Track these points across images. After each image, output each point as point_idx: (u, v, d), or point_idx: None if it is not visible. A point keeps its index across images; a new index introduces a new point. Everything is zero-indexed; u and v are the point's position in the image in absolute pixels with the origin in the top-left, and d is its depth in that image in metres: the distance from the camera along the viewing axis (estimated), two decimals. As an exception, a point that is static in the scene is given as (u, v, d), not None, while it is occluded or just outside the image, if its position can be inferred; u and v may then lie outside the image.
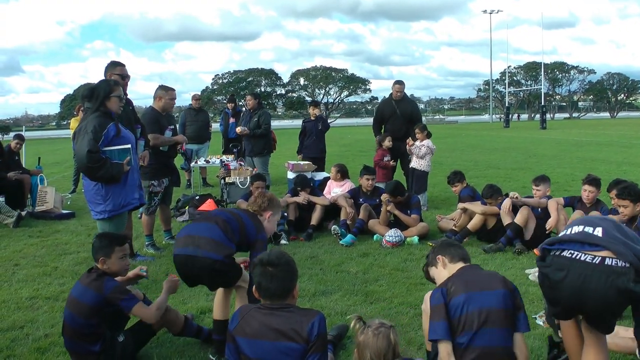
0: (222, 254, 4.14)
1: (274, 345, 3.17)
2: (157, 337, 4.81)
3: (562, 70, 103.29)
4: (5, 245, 8.32)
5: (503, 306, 3.44)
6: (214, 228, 4.23)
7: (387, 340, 3.14)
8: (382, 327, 3.18)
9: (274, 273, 3.30)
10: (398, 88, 11.17)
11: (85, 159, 5.44)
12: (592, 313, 3.24)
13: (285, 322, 3.20)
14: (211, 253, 4.11)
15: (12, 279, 6.67)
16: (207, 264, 4.11)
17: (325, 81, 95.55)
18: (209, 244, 4.14)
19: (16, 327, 5.15)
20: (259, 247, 4.36)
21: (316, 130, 11.99)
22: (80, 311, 4.11)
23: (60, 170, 20.13)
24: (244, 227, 4.38)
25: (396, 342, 3.17)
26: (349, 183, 9.59)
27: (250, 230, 4.40)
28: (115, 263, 4.28)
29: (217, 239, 4.18)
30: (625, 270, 3.02)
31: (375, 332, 3.16)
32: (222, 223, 4.28)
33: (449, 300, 3.47)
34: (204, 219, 4.55)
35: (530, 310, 5.26)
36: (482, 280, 3.57)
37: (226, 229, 4.26)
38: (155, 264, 7.07)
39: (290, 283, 3.35)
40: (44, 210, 10.67)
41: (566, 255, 3.16)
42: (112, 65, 6.78)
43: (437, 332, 3.44)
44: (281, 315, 3.24)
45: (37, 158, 13.54)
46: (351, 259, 7.24)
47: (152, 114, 7.69)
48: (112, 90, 5.68)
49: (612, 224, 3.28)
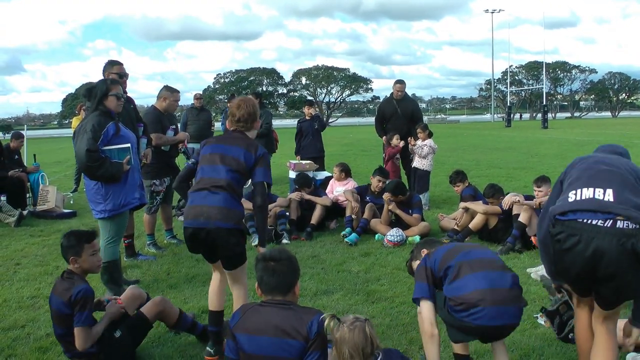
0: (233, 220, 4.15)
1: (274, 342, 3.17)
2: (159, 336, 4.82)
3: (563, 70, 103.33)
4: (7, 245, 8.33)
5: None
6: (223, 196, 4.17)
7: (364, 334, 3.13)
8: (357, 322, 3.17)
9: (276, 268, 3.33)
10: (399, 87, 11.17)
11: (85, 158, 5.43)
12: (604, 280, 3.19)
13: (285, 319, 3.21)
14: (223, 222, 4.10)
15: (13, 278, 6.68)
16: (220, 234, 4.12)
17: (327, 80, 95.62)
18: (220, 213, 4.11)
19: (17, 327, 5.15)
20: (262, 163, 4.32)
21: (312, 130, 11.94)
22: (62, 323, 4.09)
23: (62, 169, 20.14)
24: (243, 165, 4.28)
25: (372, 335, 3.16)
26: (352, 182, 9.59)
27: (248, 161, 4.29)
28: (86, 261, 4.23)
29: (226, 205, 4.14)
30: (635, 232, 3.04)
31: (351, 327, 3.15)
32: (228, 187, 4.20)
33: (435, 266, 3.68)
34: (211, 186, 4.22)
35: (531, 310, 5.25)
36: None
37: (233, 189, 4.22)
38: (157, 264, 7.07)
39: (292, 279, 3.38)
40: (46, 210, 10.68)
41: (578, 220, 3.17)
42: (109, 64, 6.81)
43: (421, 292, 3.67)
44: (282, 313, 3.25)
45: (33, 155, 13.50)
46: (353, 258, 7.23)
47: (154, 114, 7.70)
48: (109, 89, 5.67)
49: (620, 177, 3.31)
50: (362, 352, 3.11)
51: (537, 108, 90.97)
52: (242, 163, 4.24)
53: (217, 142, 4.44)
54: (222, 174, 4.19)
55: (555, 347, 4.49)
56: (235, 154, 4.27)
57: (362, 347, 3.11)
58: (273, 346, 3.17)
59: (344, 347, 3.13)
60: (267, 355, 3.19)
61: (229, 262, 4.27)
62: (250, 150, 4.28)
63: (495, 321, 3.44)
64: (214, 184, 4.16)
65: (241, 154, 4.26)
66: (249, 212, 8.54)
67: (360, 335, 3.12)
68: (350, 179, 9.73)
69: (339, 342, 3.16)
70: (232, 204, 4.15)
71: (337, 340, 3.17)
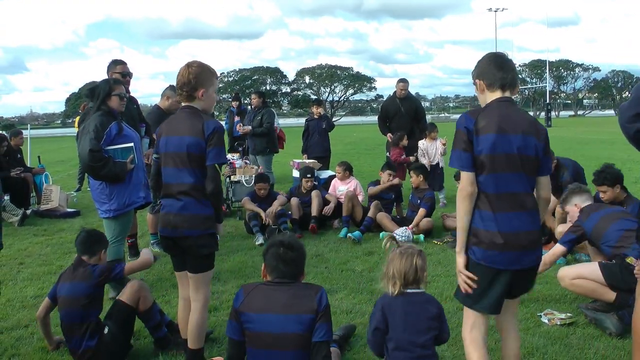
0: (200, 227, 3.85)
1: (282, 318, 3.27)
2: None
3: (567, 68, 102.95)
4: (10, 244, 8.33)
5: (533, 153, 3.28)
6: (188, 202, 3.84)
7: (410, 262, 3.39)
8: (410, 250, 3.46)
9: (290, 256, 3.43)
10: (402, 86, 11.18)
11: (88, 159, 5.42)
12: None
13: (292, 295, 3.34)
14: (190, 230, 3.85)
15: (17, 277, 6.68)
16: (188, 242, 3.88)
17: (330, 79, 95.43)
18: (186, 221, 3.84)
19: (21, 326, 5.15)
20: (213, 143, 3.81)
21: (319, 129, 11.96)
22: (76, 305, 4.23)
23: (65, 168, 20.16)
24: (197, 157, 3.83)
25: (419, 266, 3.41)
26: (354, 181, 9.58)
27: (201, 150, 3.83)
28: (104, 258, 4.68)
29: (192, 212, 3.84)
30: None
31: (402, 252, 3.44)
32: (192, 190, 3.84)
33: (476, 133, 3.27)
34: (175, 192, 3.90)
35: (535, 309, 5.25)
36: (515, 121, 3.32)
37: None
38: (161, 262, 7.07)
39: (302, 267, 3.53)
40: (49, 209, 10.68)
41: None
42: (113, 64, 6.83)
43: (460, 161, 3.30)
44: (287, 290, 3.37)
45: (37, 157, 13.51)
46: (356, 257, 7.23)
47: (157, 113, 7.69)
48: (112, 88, 5.66)
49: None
50: (404, 277, 3.39)
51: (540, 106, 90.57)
52: (196, 155, 3.81)
53: (167, 133, 3.96)
54: (184, 178, 3.84)
55: (558, 346, 4.49)
56: (186, 149, 3.81)
57: (404, 272, 3.38)
58: (281, 323, 3.27)
59: (391, 267, 3.42)
60: (276, 332, 3.27)
61: (194, 265, 3.95)
62: (199, 136, 3.78)
63: None
64: (178, 190, 3.86)
65: (192, 144, 3.80)
66: (250, 212, 8.62)
67: (407, 262, 3.39)
68: (353, 177, 9.72)
69: (389, 261, 3.47)
70: (197, 208, 3.84)
71: (389, 260, 3.47)
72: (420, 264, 3.41)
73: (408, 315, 3.34)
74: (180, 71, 3.90)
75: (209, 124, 3.80)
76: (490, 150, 3.19)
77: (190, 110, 3.92)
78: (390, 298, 3.41)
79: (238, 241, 8.34)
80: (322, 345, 3.27)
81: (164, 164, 3.98)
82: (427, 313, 3.37)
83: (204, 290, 3.99)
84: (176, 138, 3.87)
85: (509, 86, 3.36)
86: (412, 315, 3.34)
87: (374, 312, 3.45)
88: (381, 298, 3.48)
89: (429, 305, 3.41)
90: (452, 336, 4.54)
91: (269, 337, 3.28)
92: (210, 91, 3.95)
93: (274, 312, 3.28)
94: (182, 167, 3.84)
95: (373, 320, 3.43)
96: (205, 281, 3.99)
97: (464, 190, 3.27)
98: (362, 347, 4.50)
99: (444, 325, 3.44)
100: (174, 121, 4.01)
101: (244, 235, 8.67)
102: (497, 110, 3.28)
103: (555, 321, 4.94)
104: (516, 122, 3.26)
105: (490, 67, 3.40)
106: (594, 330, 4.79)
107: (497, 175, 3.22)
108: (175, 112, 4.14)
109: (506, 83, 3.34)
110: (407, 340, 3.31)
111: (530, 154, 3.25)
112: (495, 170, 3.21)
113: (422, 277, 3.43)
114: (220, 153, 3.84)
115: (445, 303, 5.13)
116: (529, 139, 3.25)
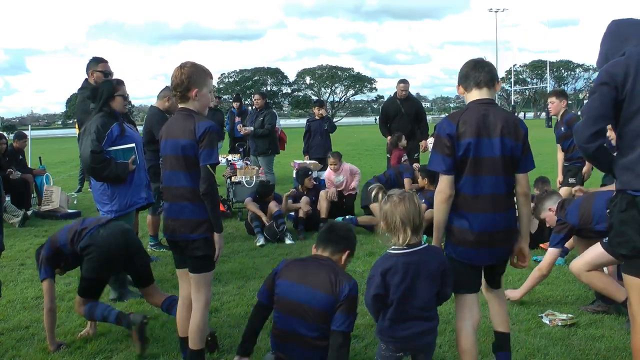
0: (199, 230, 3.84)
1: (307, 291, 3.54)
2: (163, 337, 4.81)
3: (567, 69, 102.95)
4: (11, 245, 8.32)
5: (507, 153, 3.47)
6: (186, 206, 3.84)
7: (413, 204, 3.28)
8: (406, 193, 3.36)
9: (336, 228, 3.81)
10: (403, 87, 11.16)
11: (89, 160, 5.42)
12: None
13: (323, 273, 3.57)
14: (189, 234, 3.84)
15: (17, 278, 6.68)
16: (188, 245, 3.88)
17: (331, 80, 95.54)
18: (185, 225, 3.85)
19: (22, 327, 5.15)
20: (205, 144, 3.75)
21: (321, 130, 11.96)
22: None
23: (66, 169, 20.17)
24: (193, 159, 3.80)
25: (421, 207, 3.36)
26: (345, 165, 9.76)
27: (195, 151, 3.79)
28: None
29: (190, 216, 3.84)
30: None
31: (400, 197, 3.30)
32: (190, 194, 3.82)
33: (457, 139, 3.43)
34: (173, 196, 3.92)
35: (536, 310, 5.25)
36: (493, 123, 3.45)
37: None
38: (161, 264, 7.07)
39: (346, 244, 3.77)
40: (50, 210, 10.69)
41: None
42: (94, 62, 6.52)
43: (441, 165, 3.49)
44: (322, 267, 3.62)
45: (38, 158, 13.52)
46: (357, 258, 7.20)
47: (160, 115, 7.56)
48: (115, 89, 5.65)
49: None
50: (412, 222, 3.26)
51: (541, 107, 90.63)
52: (191, 158, 3.78)
53: (165, 136, 3.94)
54: (181, 181, 3.83)
55: (560, 347, 4.48)
56: (181, 151, 3.80)
57: (412, 215, 3.26)
58: (306, 295, 3.54)
59: (395, 216, 3.27)
60: (299, 302, 3.56)
61: (193, 265, 3.94)
62: (191, 137, 3.75)
63: None
64: (174, 193, 3.88)
65: (186, 147, 3.78)
66: (252, 213, 8.61)
67: (411, 203, 3.28)
68: (344, 162, 9.94)
69: (388, 213, 3.30)
70: (196, 213, 3.82)
71: (387, 213, 3.31)
72: (420, 203, 3.39)
73: (408, 276, 3.26)
74: (174, 72, 3.88)
75: (200, 125, 3.76)
76: (469, 154, 3.40)
77: (184, 112, 3.90)
78: (391, 260, 3.29)
79: (239, 242, 8.33)
80: (338, 335, 3.44)
81: (163, 167, 4.00)
82: (429, 270, 3.31)
83: (205, 290, 3.96)
84: (172, 141, 3.86)
85: (484, 84, 3.54)
86: (414, 277, 3.27)
87: (373, 275, 3.32)
88: (380, 260, 3.38)
89: (432, 261, 3.33)
90: (452, 337, 4.56)
91: (294, 305, 3.57)
92: (204, 91, 3.91)
93: (303, 284, 3.58)
94: (178, 170, 3.83)
95: (372, 285, 3.31)
96: (205, 282, 3.96)
97: (443, 193, 3.46)
98: (364, 349, 4.49)
99: (447, 280, 3.38)
100: (171, 124, 4.00)
101: (245, 237, 8.67)
102: (475, 114, 3.46)
103: (556, 322, 4.93)
104: (494, 124, 3.43)
105: (464, 70, 3.63)
106: (595, 331, 4.78)
107: (475, 177, 3.43)
108: (175, 114, 4.10)
109: (480, 81, 3.53)
110: (408, 304, 3.27)
111: (507, 154, 3.44)
112: (474, 173, 3.42)
113: (424, 221, 3.39)
114: (210, 154, 3.76)
115: (446, 304, 5.12)
116: (506, 140, 3.44)
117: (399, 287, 3.24)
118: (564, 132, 8.05)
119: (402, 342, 3.34)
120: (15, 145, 11.96)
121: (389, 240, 3.35)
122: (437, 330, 3.51)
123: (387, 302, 3.29)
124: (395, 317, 3.29)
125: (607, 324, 4.94)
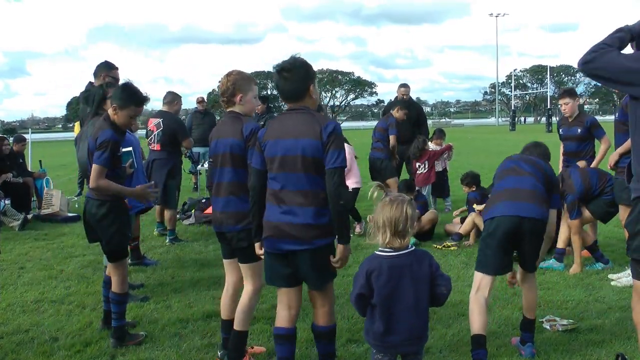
0: (242, 222, 4.13)
1: (294, 142, 3.58)
2: (163, 341, 4.80)
3: (567, 74, 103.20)
4: (11, 248, 8.32)
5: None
6: (228, 200, 4.19)
7: (401, 210, 3.24)
8: (400, 198, 3.33)
9: (288, 77, 3.68)
10: (403, 91, 11.16)
11: (87, 165, 5.41)
12: None
13: (303, 122, 3.62)
14: (233, 226, 4.16)
15: (17, 282, 6.66)
16: (232, 236, 4.20)
17: (331, 84, 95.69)
18: (229, 218, 4.17)
19: (21, 331, 5.14)
20: (253, 142, 4.00)
21: None
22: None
23: (66, 172, 20.14)
24: (239, 157, 4.14)
25: (410, 215, 3.27)
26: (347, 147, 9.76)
27: (242, 150, 4.13)
28: None
29: (232, 209, 4.17)
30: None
31: (392, 200, 3.30)
32: (233, 187, 4.17)
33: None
34: (218, 191, 4.27)
35: (537, 314, 5.23)
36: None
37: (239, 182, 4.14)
38: (161, 267, 7.06)
39: (304, 84, 3.70)
40: (50, 213, 10.67)
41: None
42: (106, 67, 6.52)
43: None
44: (299, 116, 3.66)
45: (39, 161, 13.51)
46: (357, 262, 7.16)
47: (180, 119, 7.91)
48: (106, 92, 5.61)
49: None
50: (394, 226, 3.24)
51: (541, 112, 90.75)
52: (238, 155, 4.13)
53: (216, 136, 4.28)
54: (225, 177, 4.18)
55: (561, 352, 4.47)
56: (229, 149, 4.14)
57: (395, 221, 3.24)
58: (295, 146, 3.58)
59: (380, 216, 3.28)
60: (284, 155, 3.62)
61: (240, 256, 4.26)
62: (238, 137, 4.12)
63: None
64: (222, 188, 4.21)
65: (234, 145, 4.13)
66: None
67: (397, 210, 3.25)
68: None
69: (376, 212, 3.34)
70: (238, 206, 4.13)
71: (375, 210, 3.35)
72: (411, 212, 3.28)
73: (393, 278, 3.23)
74: (221, 80, 4.28)
75: (247, 126, 4.13)
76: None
77: (232, 114, 4.24)
78: (376, 261, 3.28)
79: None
80: (333, 172, 3.52)
81: (213, 165, 4.32)
82: (416, 274, 3.26)
83: (252, 280, 4.23)
84: (222, 140, 4.21)
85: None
86: (399, 280, 3.23)
87: (358, 275, 3.30)
88: (367, 260, 3.34)
89: (419, 265, 3.28)
90: (453, 342, 4.57)
91: (282, 160, 3.63)
92: (249, 96, 4.28)
93: (287, 137, 3.62)
94: (226, 167, 4.17)
95: (357, 285, 3.30)
96: (254, 271, 4.21)
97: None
98: (364, 353, 4.49)
99: (438, 280, 3.30)
100: (221, 126, 4.35)
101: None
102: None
103: (557, 327, 4.92)
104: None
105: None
106: (596, 336, 4.77)
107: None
108: (224, 116, 4.42)
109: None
110: (394, 307, 3.24)
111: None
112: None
113: (412, 227, 3.29)
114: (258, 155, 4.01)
115: (446, 309, 5.13)
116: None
117: (383, 289, 3.22)
118: (580, 134, 7.48)
119: (392, 348, 3.32)
120: (15, 148, 11.95)
121: (372, 239, 3.35)
122: (427, 335, 3.46)
123: (371, 302, 3.27)
124: (382, 321, 3.26)
125: (608, 329, 4.93)
